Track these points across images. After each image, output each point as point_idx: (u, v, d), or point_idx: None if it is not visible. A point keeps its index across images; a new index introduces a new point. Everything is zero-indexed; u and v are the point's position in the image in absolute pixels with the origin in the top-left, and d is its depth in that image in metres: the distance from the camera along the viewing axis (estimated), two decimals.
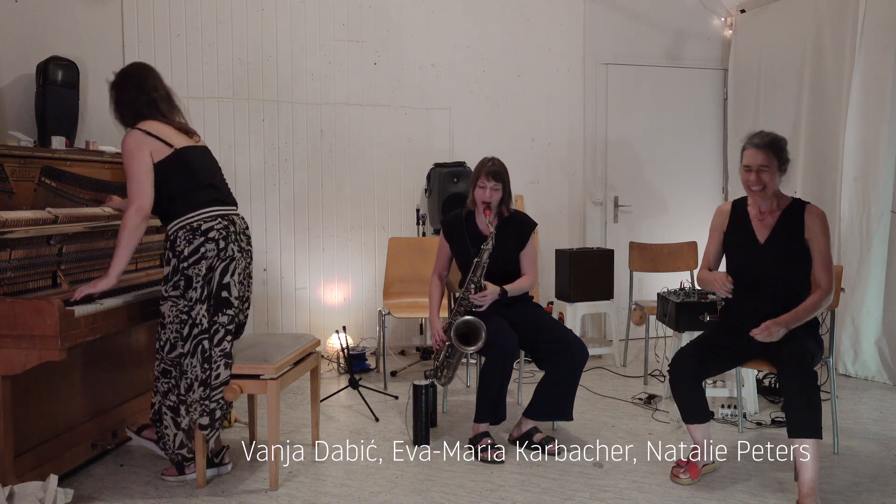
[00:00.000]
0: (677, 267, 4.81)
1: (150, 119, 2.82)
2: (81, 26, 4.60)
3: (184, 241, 2.74)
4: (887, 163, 4.37)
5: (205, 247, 2.74)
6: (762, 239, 2.93)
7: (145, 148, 2.74)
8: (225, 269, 2.77)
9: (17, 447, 2.60)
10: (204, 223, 2.77)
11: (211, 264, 2.75)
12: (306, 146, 5.09)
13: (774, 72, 5.33)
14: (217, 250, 2.76)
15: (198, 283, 2.73)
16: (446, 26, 5.31)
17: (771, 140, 2.88)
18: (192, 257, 2.73)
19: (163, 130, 2.81)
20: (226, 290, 2.78)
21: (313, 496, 2.80)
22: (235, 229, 2.86)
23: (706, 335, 3.02)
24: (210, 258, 2.74)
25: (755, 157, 2.86)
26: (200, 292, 2.73)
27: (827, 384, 3.68)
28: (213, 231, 2.76)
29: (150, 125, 2.80)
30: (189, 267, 2.73)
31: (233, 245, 2.81)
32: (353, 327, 5.08)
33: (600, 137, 5.68)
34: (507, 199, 3.39)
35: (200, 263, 2.73)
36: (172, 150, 2.78)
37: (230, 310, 2.78)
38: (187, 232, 2.75)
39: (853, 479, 2.94)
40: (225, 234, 2.79)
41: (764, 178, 2.85)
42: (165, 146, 2.77)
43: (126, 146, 2.76)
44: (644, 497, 2.79)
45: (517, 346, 3.24)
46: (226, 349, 2.77)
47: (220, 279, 2.76)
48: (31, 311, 2.45)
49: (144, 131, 2.77)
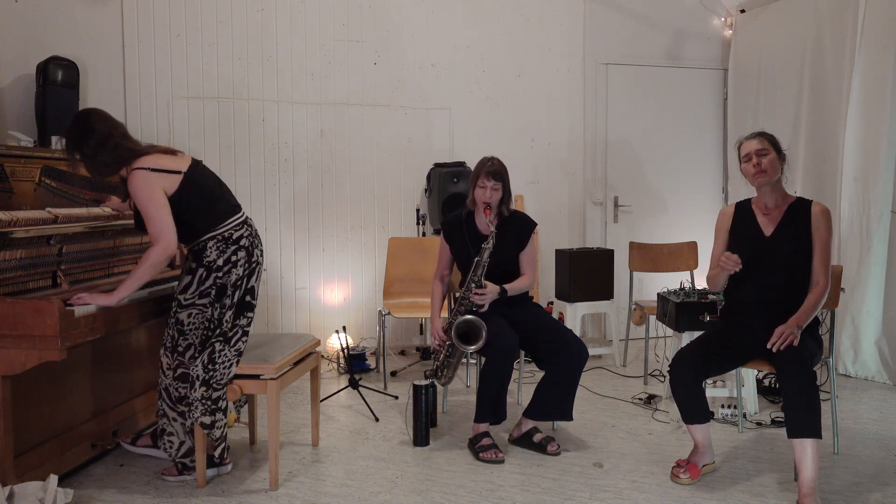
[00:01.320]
0: (677, 267, 4.81)
1: (140, 156, 2.72)
2: (81, 26, 4.60)
3: (215, 251, 2.76)
4: (887, 163, 4.37)
5: (237, 255, 2.79)
6: (768, 233, 2.95)
7: (157, 186, 2.67)
8: (251, 274, 2.84)
9: (17, 447, 2.60)
10: (234, 231, 2.81)
11: (244, 272, 2.80)
12: (306, 146, 5.09)
13: (774, 72, 5.33)
14: (248, 256, 2.82)
15: (232, 290, 2.77)
16: (446, 26, 5.31)
17: (761, 131, 3.02)
18: (226, 266, 2.77)
19: (161, 161, 2.73)
20: (250, 294, 2.85)
21: (313, 496, 2.80)
22: (253, 231, 2.92)
23: (707, 335, 3.02)
24: (243, 265, 2.80)
25: (751, 145, 2.95)
26: (233, 299, 2.78)
27: (827, 384, 3.68)
28: (244, 239, 2.82)
29: (146, 161, 2.70)
30: (224, 276, 2.76)
31: (257, 250, 2.88)
32: (353, 327, 5.08)
33: (600, 137, 5.68)
34: (506, 199, 3.39)
35: (234, 271, 2.77)
36: (182, 177, 2.73)
37: (251, 312, 2.86)
38: (219, 242, 2.77)
39: (853, 479, 2.94)
40: (251, 240, 2.86)
41: (764, 161, 2.89)
42: (174, 175, 2.72)
43: (136, 189, 2.66)
44: (644, 497, 2.79)
45: (517, 346, 3.24)
46: (241, 349, 2.83)
47: (247, 284, 2.83)
48: (31, 311, 2.45)
49: (147, 168, 2.68)
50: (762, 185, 2.94)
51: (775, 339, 2.73)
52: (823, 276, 2.87)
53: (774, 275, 2.91)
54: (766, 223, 2.97)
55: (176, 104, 4.81)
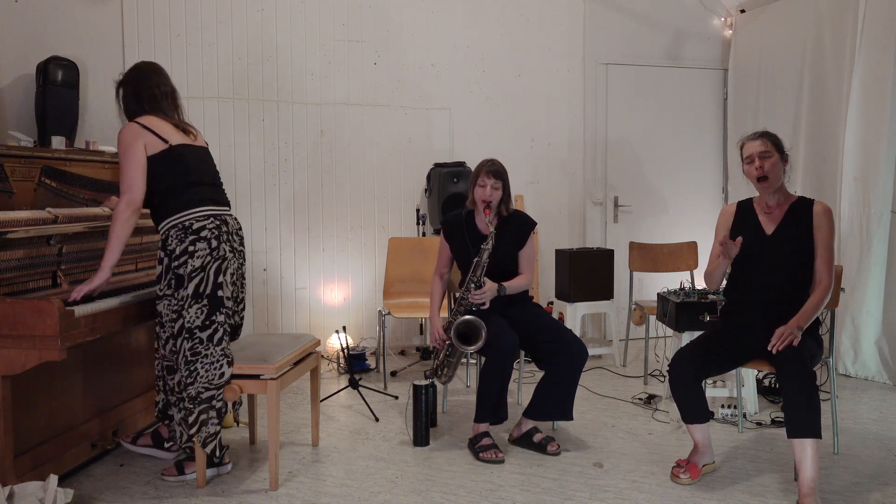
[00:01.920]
0: (677, 267, 4.81)
1: (149, 114, 2.83)
2: (81, 26, 4.60)
3: (175, 240, 2.74)
4: (887, 163, 4.37)
5: (195, 245, 2.73)
6: (769, 231, 2.95)
7: (140, 141, 2.74)
8: (218, 269, 2.78)
9: (17, 447, 2.60)
10: (196, 222, 2.76)
11: (203, 263, 2.74)
12: (306, 146, 5.09)
13: (774, 72, 5.33)
14: (209, 249, 2.76)
15: (189, 281, 2.72)
16: (446, 26, 5.31)
17: (764, 131, 3.00)
18: (182, 256, 2.72)
19: (160, 126, 2.81)
20: (220, 289, 2.78)
21: (313, 496, 2.80)
22: (228, 229, 2.87)
23: (706, 335, 3.02)
24: (202, 257, 2.74)
25: (754, 146, 2.94)
26: (193, 290, 2.73)
27: (827, 384, 3.68)
28: (206, 230, 2.76)
29: (148, 120, 2.81)
30: (180, 266, 2.72)
31: (224, 245, 2.81)
32: (353, 327, 5.08)
33: (600, 137, 5.68)
34: (506, 199, 3.39)
35: (191, 262, 2.72)
36: (167, 146, 2.78)
37: (224, 307, 2.79)
38: (179, 231, 2.75)
39: (853, 479, 2.94)
40: (217, 233, 2.79)
41: (766, 163, 2.88)
42: (160, 141, 2.78)
43: (121, 138, 2.76)
44: (644, 497, 2.79)
45: (517, 346, 3.24)
46: (226, 349, 2.78)
47: (215, 279, 2.76)
48: (31, 311, 2.45)
49: (141, 125, 2.77)
50: (765, 190, 2.94)
51: (775, 340, 2.72)
52: (827, 276, 2.86)
53: (775, 274, 2.91)
54: (768, 222, 2.97)
55: None
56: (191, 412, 2.74)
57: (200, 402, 2.74)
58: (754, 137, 2.96)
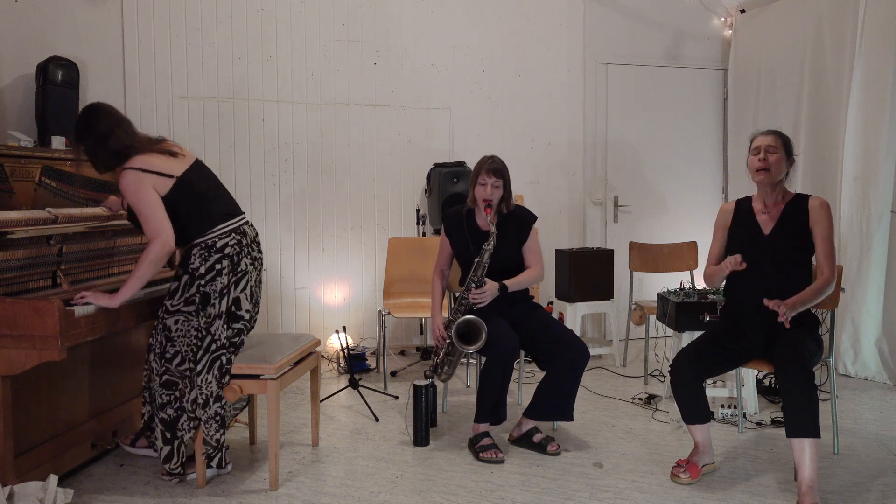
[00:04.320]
0: (677, 267, 4.81)
1: (134, 155, 2.74)
2: (81, 26, 4.60)
3: (199, 259, 2.75)
4: (887, 163, 4.37)
5: (220, 263, 2.76)
6: (767, 231, 2.96)
7: (146, 184, 2.69)
8: (236, 284, 2.81)
9: (17, 447, 2.60)
10: (219, 240, 2.79)
11: (228, 281, 2.78)
12: (306, 146, 5.09)
13: (774, 72, 5.33)
14: (231, 266, 2.79)
15: (216, 299, 2.75)
16: (446, 26, 5.31)
17: (778, 130, 3.03)
18: (209, 274, 2.75)
19: (154, 163, 2.74)
20: (235, 304, 2.82)
21: (313, 496, 2.80)
22: (247, 241, 2.90)
23: (707, 335, 3.02)
24: (226, 274, 2.77)
25: (763, 140, 2.97)
26: (219, 308, 2.76)
27: (827, 384, 3.68)
28: (228, 248, 2.79)
29: (138, 161, 2.72)
30: (206, 284, 2.74)
31: (245, 259, 2.85)
32: (353, 327, 5.08)
33: (600, 137, 5.68)
34: (507, 198, 3.38)
35: (218, 280, 2.75)
36: (174, 180, 2.75)
37: (238, 323, 2.83)
38: (202, 250, 2.76)
39: (853, 479, 2.94)
40: (238, 249, 2.82)
41: (770, 158, 2.90)
42: (165, 178, 2.74)
43: (127, 188, 2.70)
44: (644, 497, 2.79)
45: (517, 346, 3.23)
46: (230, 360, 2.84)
47: (232, 293, 2.81)
48: (31, 311, 2.45)
49: (138, 169, 2.71)
50: (762, 182, 2.94)
51: (772, 305, 2.72)
52: (828, 268, 2.86)
53: (772, 273, 2.91)
54: (766, 221, 2.98)
55: (176, 104, 4.81)
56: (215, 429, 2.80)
57: (211, 417, 2.78)
58: (767, 133, 2.99)
